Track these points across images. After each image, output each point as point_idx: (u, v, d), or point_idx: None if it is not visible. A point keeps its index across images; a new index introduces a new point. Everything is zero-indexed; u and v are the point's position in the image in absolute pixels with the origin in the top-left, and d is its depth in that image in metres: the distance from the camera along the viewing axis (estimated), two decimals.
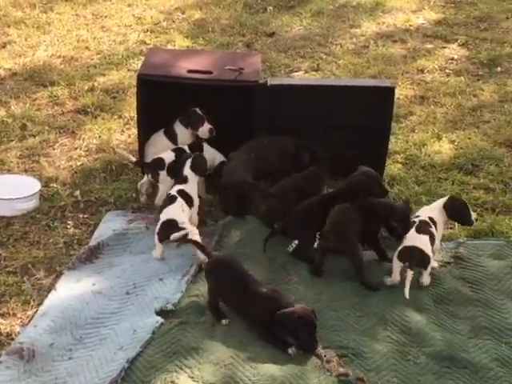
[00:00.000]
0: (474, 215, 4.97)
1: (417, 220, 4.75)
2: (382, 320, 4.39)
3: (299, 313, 4.08)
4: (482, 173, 6.09)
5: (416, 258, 4.53)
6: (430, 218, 4.77)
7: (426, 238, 4.62)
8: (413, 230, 4.67)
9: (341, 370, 3.98)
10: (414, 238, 4.63)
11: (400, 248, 4.65)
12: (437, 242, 4.77)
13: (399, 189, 5.78)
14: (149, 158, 5.57)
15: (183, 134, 5.68)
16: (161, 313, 4.36)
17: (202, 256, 4.71)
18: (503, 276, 4.81)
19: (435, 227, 4.75)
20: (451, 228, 5.31)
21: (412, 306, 4.50)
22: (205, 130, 5.58)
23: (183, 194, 5.01)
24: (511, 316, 4.46)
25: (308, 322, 4.08)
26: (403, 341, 4.24)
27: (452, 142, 6.56)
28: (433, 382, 3.94)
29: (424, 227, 4.68)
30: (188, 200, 5.01)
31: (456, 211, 4.89)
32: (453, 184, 5.91)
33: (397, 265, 4.62)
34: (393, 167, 6.10)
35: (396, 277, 4.62)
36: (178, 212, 4.88)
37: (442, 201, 4.94)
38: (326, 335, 4.22)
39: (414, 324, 4.37)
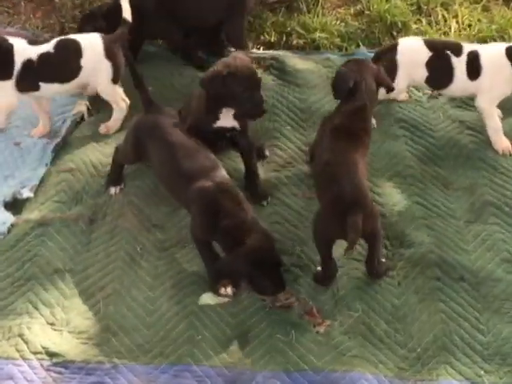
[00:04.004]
0: None
1: None
2: None
3: (255, 252, 2.51)
4: None
5: None
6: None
7: None
8: None
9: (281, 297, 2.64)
10: None
11: None
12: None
13: None
14: None
15: None
16: (12, 205, 2.98)
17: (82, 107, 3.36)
18: None
19: None
20: None
21: (386, 169, 3.12)
22: None
23: None
24: None
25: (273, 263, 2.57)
26: None
27: None
28: (415, 309, 2.63)
29: None
30: None
31: None
32: None
33: None
34: None
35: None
36: None
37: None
38: None
39: (388, 200, 2.98)
